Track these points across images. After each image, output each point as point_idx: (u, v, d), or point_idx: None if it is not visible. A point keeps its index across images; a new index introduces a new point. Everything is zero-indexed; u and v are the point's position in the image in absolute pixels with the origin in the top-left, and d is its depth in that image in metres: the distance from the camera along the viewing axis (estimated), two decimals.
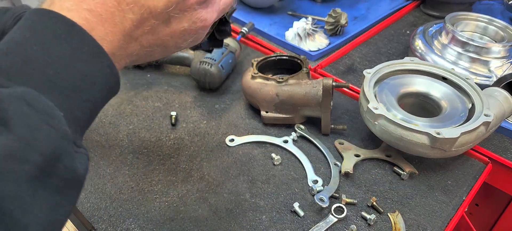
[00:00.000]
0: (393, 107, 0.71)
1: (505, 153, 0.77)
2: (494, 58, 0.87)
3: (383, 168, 0.72)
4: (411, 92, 0.77)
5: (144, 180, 0.69)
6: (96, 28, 0.31)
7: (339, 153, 0.74)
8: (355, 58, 1.04)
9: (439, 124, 0.68)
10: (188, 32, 0.37)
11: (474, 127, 0.64)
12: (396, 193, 0.67)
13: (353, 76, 0.97)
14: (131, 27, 0.33)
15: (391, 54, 1.06)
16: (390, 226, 0.62)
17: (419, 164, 0.72)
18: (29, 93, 0.27)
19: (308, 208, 0.65)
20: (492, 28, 0.98)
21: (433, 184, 0.69)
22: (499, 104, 0.70)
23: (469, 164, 0.74)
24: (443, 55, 0.92)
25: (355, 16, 1.23)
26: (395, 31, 1.17)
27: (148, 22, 0.34)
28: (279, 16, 1.20)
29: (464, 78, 0.76)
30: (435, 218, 0.63)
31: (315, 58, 1.02)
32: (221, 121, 0.83)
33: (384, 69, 0.79)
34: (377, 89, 0.75)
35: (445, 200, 0.67)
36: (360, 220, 0.63)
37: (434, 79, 0.78)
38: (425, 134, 0.64)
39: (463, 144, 0.65)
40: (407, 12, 1.27)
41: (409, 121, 0.68)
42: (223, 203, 0.65)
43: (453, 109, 0.71)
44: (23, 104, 0.26)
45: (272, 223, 0.62)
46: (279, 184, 0.69)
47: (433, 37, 0.98)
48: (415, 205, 0.65)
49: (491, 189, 0.80)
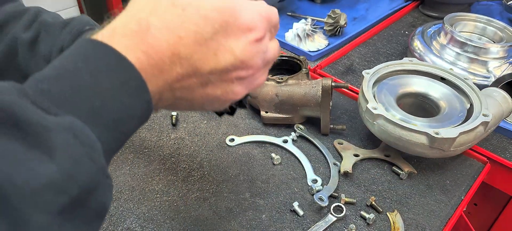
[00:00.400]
0: (392, 108, 0.71)
1: (503, 152, 0.77)
2: (493, 58, 0.88)
3: (382, 168, 0.73)
4: (410, 92, 0.77)
5: (144, 180, 0.69)
6: (145, 69, 0.32)
7: (338, 153, 0.75)
8: (354, 59, 1.04)
9: (438, 124, 0.68)
10: (217, 99, 0.38)
11: (473, 127, 0.65)
12: (395, 193, 0.68)
13: (352, 77, 0.97)
14: (174, 79, 0.34)
15: (390, 55, 1.06)
16: (389, 226, 0.62)
17: (418, 164, 0.73)
18: (76, 124, 0.27)
19: (308, 207, 0.65)
20: (491, 29, 0.98)
21: (432, 184, 0.70)
22: (497, 105, 0.71)
23: (468, 164, 0.74)
24: (442, 56, 0.92)
25: (354, 17, 1.23)
26: (394, 32, 1.17)
27: (189, 79, 0.35)
28: (279, 17, 1.21)
29: (462, 78, 0.77)
30: (433, 218, 0.64)
31: (315, 58, 1.02)
32: (221, 121, 0.83)
33: (383, 70, 0.79)
34: (376, 89, 0.76)
35: (443, 199, 0.67)
36: (359, 219, 0.63)
37: (432, 79, 0.78)
38: (424, 134, 0.64)
39: (462, 143, 0.65)
40: (406, 12, 1.28)
41: (408, 121, 0.68)
42: (223, 202, 0.66)
43: (451, 110, 0.72)
44: (69, 136, 0.26)
45: (272, 222, 0.63)
46: (278, 184, 0.69)
47: (432, 37, 0.98)
48: (413, 205, 0.66)
49: (489, 188, 0.80)
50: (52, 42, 0.57)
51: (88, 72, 0.30)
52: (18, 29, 0.59)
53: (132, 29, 0.32)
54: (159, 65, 0.33)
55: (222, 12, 0.34)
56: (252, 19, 0.36)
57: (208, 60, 0.34)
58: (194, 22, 0.33)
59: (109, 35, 0.32)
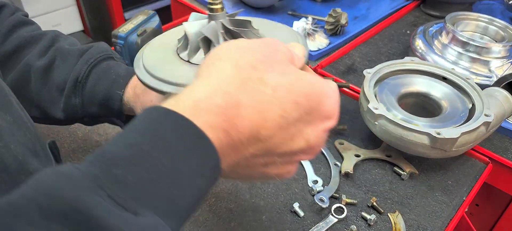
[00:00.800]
0: (393, 107, 0.71)
1: (505, 153, 0.77)
2: (495, 58, 0.87)
3: (383, 168, 0.72)
4: (411, 92, 0.77)
5: None
6: (222, 148, 0.30)
7: (339, 153, 0.74)
8: (355, 58, 1.04)
9: (440, 124, 0.68)
10: (272, 177, 0.37)
11: (475, 127, 0.64)
12: (396, 193, 0.67)
13: (353, 76, 0.97)
14: (243, 157, 0.32)
15: (391, 54, 1.06)
16: (390, 227, 0.62)
17: (419, 164, 0.72)
18: (160, 227, 0.26)
19: (308, 208, 0.65)
20: (493, 28, 0.97)
21: (433, 184, 0.69)
22: (499, 104, 0.70)
23: (470, 164, 0.74)
24: (444, 55, 0.92)
25: (355, 16, 1.23)
26: (395, 31, 1.16)
27: (257, 159, 0.34)
28: (279, 16, 1.20)
29: (464, 78, 0.76)
30: (435, 219, 0.63)
31: (315, 58, 1.02)
32: None
33: (384, 69, 0.79)
34: (377, 89, 0.75)
35: (445, 200, 0.66)
36: (360, 220, 0.63)
37: (434, 79, 0.78)
38: (426, 134, 0.64)
39: (464, 144, 0.65)
40: (408, 12, 1.27)
41: (409, 121, 0.68)
42: (223, 203, 0.65)
43: (453, 109, 0.71)
44: None
45: (272, 223, 0.62)
46: (279, 184, 0.69)
47: (434, 37, 0.98)
48: (415, 205, 0.65)
49: (491, 189, 0.80)
50: (68, 71, 0.56)
51: (168, 155, 0.27)
52: (33, 55, 0.57)
53: (218, 105, 0.30)
54: (235, 145, 0.31)
55: (310, 99, 0.33)
56: (333, 108, 0.35)
57: (283, 144, 0.33)
58: (282, 106, 0.31)
59: (191, 109, 0.29)
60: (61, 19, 2.10)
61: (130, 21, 0.94)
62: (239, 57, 0.32)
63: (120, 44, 0.91)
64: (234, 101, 0.30)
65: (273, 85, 0.31)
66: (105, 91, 0.55)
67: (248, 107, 0.30)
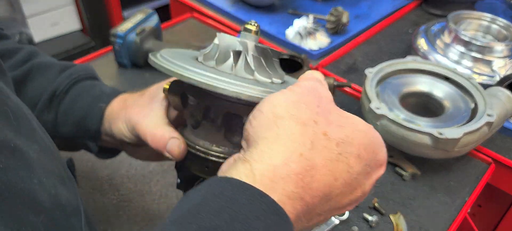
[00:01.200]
0: (395, 107, 0.70)
1: (508, 153, 0.76)
2: (497, 57, 0.87)
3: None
4: (413, 92, 0.76)
5: (142, 182, 0.68)
6: (297, 217, 0.29)
7: None
8: (357, 57, 1.03)
9: (442, 124, 0.67)
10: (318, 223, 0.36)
11: (477, 127, 0.64)
12: (398, 194, 0.67)
13: (355, 76, 0.96)
14: (311, 218, 0.32)
15: (393, 53, 1.05)
16: (392, 228, 0.61)
17: (421, 165, 0.71)
18: None
19: None
20: (495, 27, 0.97)
21: (436, 185, 0.69)
22: (502, 104, 0.70)
23: (472, 165, 0.73)
24: (446, 55, 0.91)
25: (356, 15, 1.22)
26: (397, 30, 1.16)
27: (320, 216, 0.33)
28: (280, 14, 1.20)
29: (467, 78, 0.75)
30: (437, 219, 0.63)
31: (317, 57, 1.01)
32: None
33: (386, 69, 0.78)
34: (379, 88, 0.75)
35: (447, 201, 0.66)
36: (362, 221, 0.62)
37: (436, 78, 0.77)
38: (428, 134, 0.63)
39: (466, 144, 0.64)
40: (409, 10, 1.26)
41: (411, 121, 0.67)
42: None
43: (455, 109, 0.71)
44: None
45: None
46: None
47: (436, 36, 0.97)
48: (417, 206, 0.65)
49: (494, 189, 0.79)
50: (45, 85, 0.52)
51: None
52: (6, 67, 0.54)
53: (295, 171, 0.29)
54: (309, 210, 0.30)
55: (368, 151, 0.32)
56: (385, 156, 0.35)
57: (345, 198, 0.32)
58: (347, 162, 0.31)
59: (269, 180, 0.28)
60: (59, 18, 2.08)
61: (129, 20, 0.94)
62: (298, 113, 0.31)
63: (119, 43, 0.90)
64: (310, 165, 0.29)
65: (337, 141, 0.31)
66: (85, 107, 0.51)
67: (322, 168, 0.30)
